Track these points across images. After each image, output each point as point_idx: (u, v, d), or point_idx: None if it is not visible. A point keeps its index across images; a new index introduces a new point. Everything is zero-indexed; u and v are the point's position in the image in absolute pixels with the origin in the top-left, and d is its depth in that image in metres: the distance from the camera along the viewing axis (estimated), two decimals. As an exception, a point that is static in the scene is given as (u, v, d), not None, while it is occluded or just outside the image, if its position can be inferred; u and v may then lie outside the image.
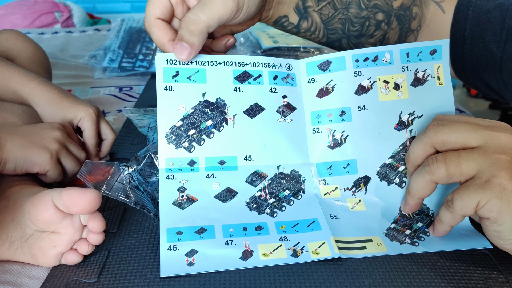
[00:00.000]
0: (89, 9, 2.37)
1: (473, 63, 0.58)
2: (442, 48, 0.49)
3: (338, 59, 0.49)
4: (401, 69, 0.49)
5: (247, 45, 1.17)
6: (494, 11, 0.55)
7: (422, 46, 0.49)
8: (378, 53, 0.49)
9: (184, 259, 0.40)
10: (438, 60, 0.49)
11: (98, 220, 0.40)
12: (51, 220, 0.40)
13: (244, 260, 0.41)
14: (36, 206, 0.40)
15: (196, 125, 0.46)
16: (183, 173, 0.45)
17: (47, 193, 0.40)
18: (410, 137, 0.48)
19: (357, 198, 0.48)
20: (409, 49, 0.49)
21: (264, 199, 0.47)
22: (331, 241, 0.43)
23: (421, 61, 0.49)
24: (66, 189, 0.39)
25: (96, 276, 0.40)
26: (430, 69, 0.49)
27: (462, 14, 0.57)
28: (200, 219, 0.44)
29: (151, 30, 0.44)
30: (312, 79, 0.49)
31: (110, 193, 0.46)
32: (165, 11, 0.45)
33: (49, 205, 0.39)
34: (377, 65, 0.49)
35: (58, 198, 0.39)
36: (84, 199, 0.38)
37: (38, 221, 0.40)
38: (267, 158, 0.47)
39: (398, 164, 0.48)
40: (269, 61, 0.48)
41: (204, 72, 0.46)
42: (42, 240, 0.41)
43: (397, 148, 0.48)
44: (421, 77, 0.49)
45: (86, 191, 0.39)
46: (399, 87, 0.49)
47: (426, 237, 0.45)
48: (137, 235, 0.46)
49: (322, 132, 0.49)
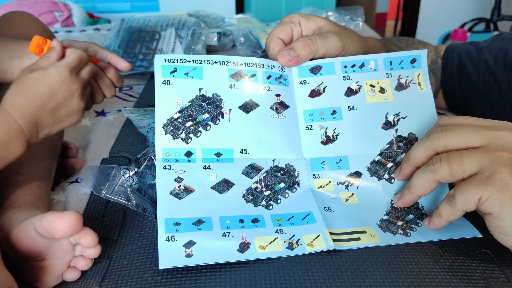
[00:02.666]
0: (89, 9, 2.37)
1: (463, 95, 0.70)
2: (421, 57, 0.53)
3: (327, 65, 0.52)
4: (385, 75, 0.53)
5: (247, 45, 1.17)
6: (472, 50, 0.69)
7: (404, 56, 0.53)
8: (364, 60, 0.52)
9: (183, 250, 0.40)
10: (418, 68, 0.53)
11: (88, 236, 0.39)
12: (39, 249, 0.39)
13: (241, 253, 0.41)
14: (20, 240, 0.39)
15: (193, 118, 0.47)
16: (180, 163, 0.46)
17: (28, 222, 0.39)
18: (396, 136, 0.51)
19: (350, 191, 0.50)
20: (392, 58, 0.53)
21: (260, 191, 0.47)
22: (326, 233, 0.43)
23: (403, 68, 0.53)
24: (46, 215, 0.38)
25: (98, 284, 0.40)
26: (411, 76, 0.53)
27: (450, 57, 0.72)
28: (198, 210, 0.44)
29: (270, 44, 0.53)
30: (304, 80, 0.52)
31: (111, 196, 0.45)
32: (285, 35, 0.54)
33: (32, 235, 0.38)
34: (364, 71, 0.52)
35: (39, 225, 0.38)
36: (63, 223, 0.37)
37: (28, 256, 0.39)
38: (262, 151, 0.49)
39: (386, 161, 0.50)
40: (263, 62, 0.50)
41: (200, 70, 0.49)
42: (37, 269, 0.40)
43: (385, 146, 0.51)
44: (404, 83, 0.52)
45: (64, 214, 0.37)
46: (384, 91, 0.52)
47: (418, 228, 0.46)
48: (138, 241, 0.45)
49: (315, 129, 0.51)
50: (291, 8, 2.50)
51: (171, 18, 1.13)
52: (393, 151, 0.51)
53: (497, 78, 0.66)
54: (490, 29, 2.60)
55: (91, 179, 0.46)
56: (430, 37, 2.83)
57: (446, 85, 0.73)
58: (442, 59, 0.73)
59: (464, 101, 0.72)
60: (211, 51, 1.19)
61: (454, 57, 0.71)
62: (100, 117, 0.77)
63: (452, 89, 0.72)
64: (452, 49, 0.72)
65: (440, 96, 0.76)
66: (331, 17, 1.31)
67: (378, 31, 1.57)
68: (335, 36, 0.52)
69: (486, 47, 0.68)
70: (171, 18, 1.12)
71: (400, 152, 0.50)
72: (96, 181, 0.46)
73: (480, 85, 0.67)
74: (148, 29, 1.08)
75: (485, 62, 0.67)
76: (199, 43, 1.07)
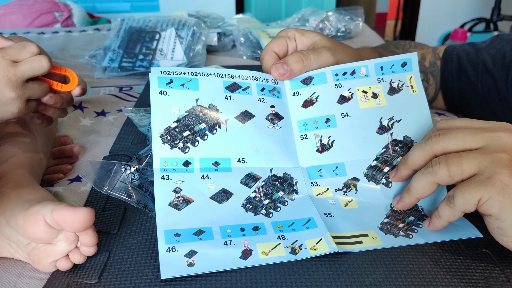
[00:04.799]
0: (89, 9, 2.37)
1: (462, 96, 0.71)
2: (412, 60, 0.54)
3: (319, 75, 0.53)
4: (377, 80, 0.53)
5: (247, 45, 1.17)
6: (471, 51, 0.70)
7: (394, 60, 0.53)
8: (355, 67, 0.53)
9: (184, 260, 0.40)
10: (410, 71, 0.53)
11: (90, 236, 0.40)
12: (45, 237, 0.39)
13: (244, 259, 0.41)
14: (28, 225, 0.39)
15: (190, 127, 0.47)
16: (178, 173, 0.46)
17: (37, 211, 0.39)
18: (391, 140, 0.51)
19: (349, 197, 0.50)
20: (383, 63, 0.53)
21: (259, 200, 0.47)
22: (328, 237, 0.43)
23: (394, 73, 0.53)
24: (58, 208, 0.38)
25: (97, 277, 0.40)
26: (403, 80, 0.53)
27: (449, 58, 0.72)
28: (197, 221, 0.44)
29: (265, 57, 0.54)
30: (296, 92, 0.53)
31: (112, 192, 0.46)
32: (280, 49, 0.55)
33: (41, 224, 0.38)
34: (355, 78, 0.53)
35: (50, 217, 0.38)
36: (77, 219, 0.37)
37: (33, 238, 0.40)
38: (259, 161, 0.49)
39: (383, 165, 0.51)
40: (256, 75, 0.52)
41: (196, 81, 0.49)
42: (39, 250, 0.41)
43: (380, 150, 0.51)
44: (396, 87, 0.53)
45: (78, 210, 0.37)
46: (377, 96, 0.53)
47: (419, 229, 0.46)
48: (138, 236, 0.46)
49: (310, 138, 0.51)
50: (291, 8, 2.50)
51: (171, 18, 1.13)
52: (389, 155, 0.51)
53: (495, 79, 0.66)
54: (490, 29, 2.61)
55: (92, 174, 0.46)
56: (430, 37, 2.83)
57: (445, 86, 0.73)
58: (441, 60, 0.73)
59: (463, 102, 0.72)
60: (211, 51, 1.19)
61: (453, 58, 0.72)
62: (100, 117, 0.77)
63: (451, 90, 0.73)
64: (451, 50, 0.73)
65: (439, 97, 0.76)
66: (331, 17, 1.31)
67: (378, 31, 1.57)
68: (328, 52, 0.53)
69: (485, 48, 0.69)
70: (171, 18, 1.12)
71: (396, 155, 0.51)
72: (98, 177, 0.46)
73: (478, 86, 0.68)
74: (148, 29, 1.08)
75: (484, 63, 0.67)
76: (199, 43, 1.07)
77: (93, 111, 0.80)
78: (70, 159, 0.63)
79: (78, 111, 0.78)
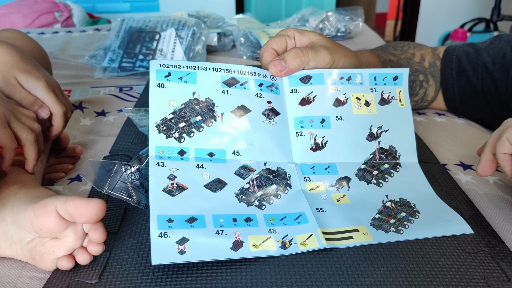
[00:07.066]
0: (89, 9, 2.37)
1: (462, 96, 0.72)
2: (403, 75, 0.57)
3: (317, 75, 0.54)
4: (370, 89, 0.55)
5: (247, 45, 1.17)
6: (471, 52, 0.71)
7: (387, 73, 0.56)
8: (351, 74, 0.55)
9: (175, 246, 0.41)
10: (400, 85, 0.57)
11: (99, 231, 0.40)
12: (55, 229, 0.39)
13: (234, 251, 0.42)
14: (39, 216, 0.39)
15: (186, 119, 0.48)
16: (173, 161, 0.47)
17: (50, 202, 0.39)
18: (378, 148, 0.54)
19: (341, 193, 0.51)
20: (376, 74, 0.56)
21: (253, 192, 0.48)
22: (318, 233, 0.44)
23: (386, 84, 0.56)
24: (71, 199, 0.38)
25: (98, 277, 0.40)
26: (393, 93, 0.56)
27: (449, 58, 0.73)
28: (191, 208, 0.44)
29: (263, 54, 0.55)
30: (294, 89, 0.53)
31: (112, 192, 0.46)
32: (279, 46, 0.56)
33: (52, 215, 0.39)
34: (351, 83, 0.55)
35: (63, 208, 0.38)
36: (90, 209, 0.38)
37: (41, 230, 0.40)
38: (254, 154, 0.50)
39: (372, 169, 0.53)
40: (255, 70, 0.52)
41: (194, 75, 0.50)
42: (43, 245, 0.41)
43: (368, 156, 0.54)
44: (386, 98, 0.56)
45: (91, 201, 0.38)
46: (369, 104, 0.55)
47: (411, 225, 0.47)
48: (139, 236, 0.46)
49: (305, 136, 0.52)
50: (291, 8, 2.50)
51: (171, 18, 1.13)
52: (376, 162, 0.53)
53: (495, 80, 0.66)
54: (490, 29, 2.61)
55: (92, 174, 0.46)
56: (430, 37, 2.83)
57: (445, 86, 0.74)
58: (441, 60, 0.74)
59: (463, 102, 0.72)
60: (211, 51, 1.19)
61: (453, 58, 0.72)
62: (100, 117, 0.77)
63: (451, 91, 0.73)
64: (451, 51, 0.73)
65: (439, 97, 0.76)
66: (331, 17, 1.31)
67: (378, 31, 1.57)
68: (326, 51, 0.54)
69: (485, 49, 0.69)
70: (171, 18, 1.12)
71: (383, 163, 0.53)
72: (98, 176, 0.46)
73: (478, 86, 0.69)
74: (148, 29, 1.08)
75: (484, 64, 0.68)
76: (199, 43, 1.07)
77: (93, 111, 0.80)
78: (71, 158, 0.63)
79: (78, 111, 0.78)
